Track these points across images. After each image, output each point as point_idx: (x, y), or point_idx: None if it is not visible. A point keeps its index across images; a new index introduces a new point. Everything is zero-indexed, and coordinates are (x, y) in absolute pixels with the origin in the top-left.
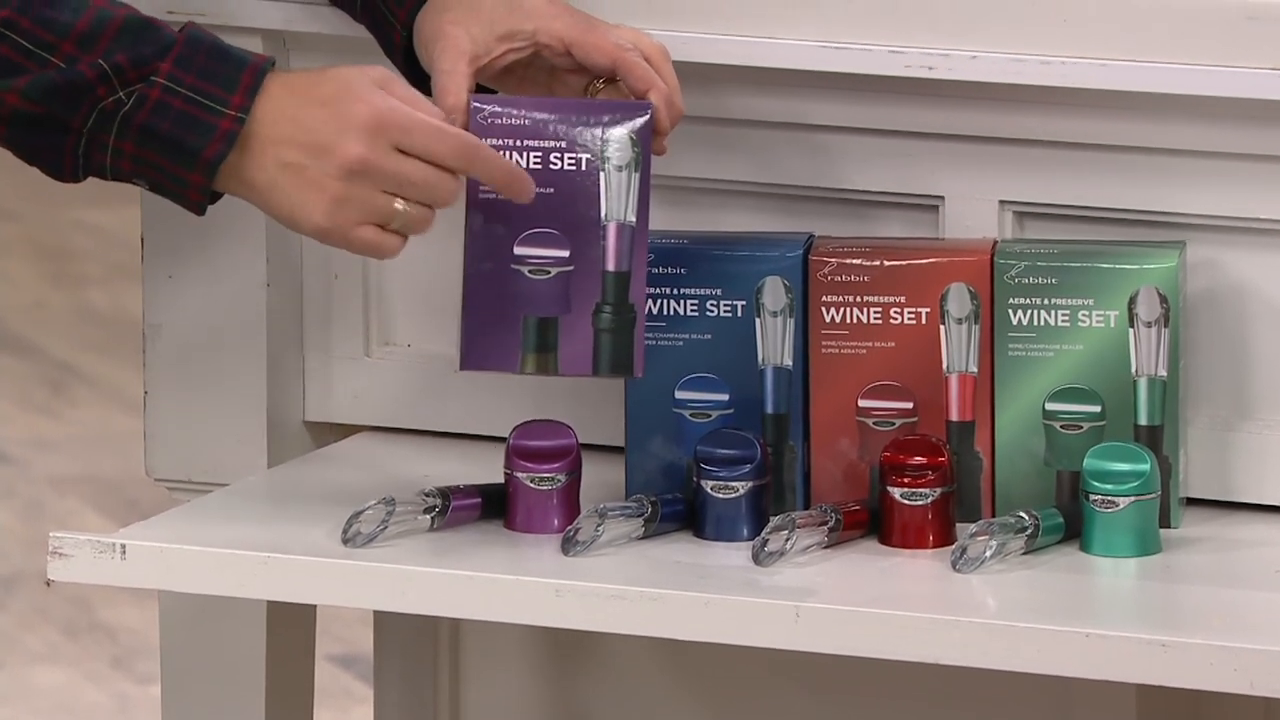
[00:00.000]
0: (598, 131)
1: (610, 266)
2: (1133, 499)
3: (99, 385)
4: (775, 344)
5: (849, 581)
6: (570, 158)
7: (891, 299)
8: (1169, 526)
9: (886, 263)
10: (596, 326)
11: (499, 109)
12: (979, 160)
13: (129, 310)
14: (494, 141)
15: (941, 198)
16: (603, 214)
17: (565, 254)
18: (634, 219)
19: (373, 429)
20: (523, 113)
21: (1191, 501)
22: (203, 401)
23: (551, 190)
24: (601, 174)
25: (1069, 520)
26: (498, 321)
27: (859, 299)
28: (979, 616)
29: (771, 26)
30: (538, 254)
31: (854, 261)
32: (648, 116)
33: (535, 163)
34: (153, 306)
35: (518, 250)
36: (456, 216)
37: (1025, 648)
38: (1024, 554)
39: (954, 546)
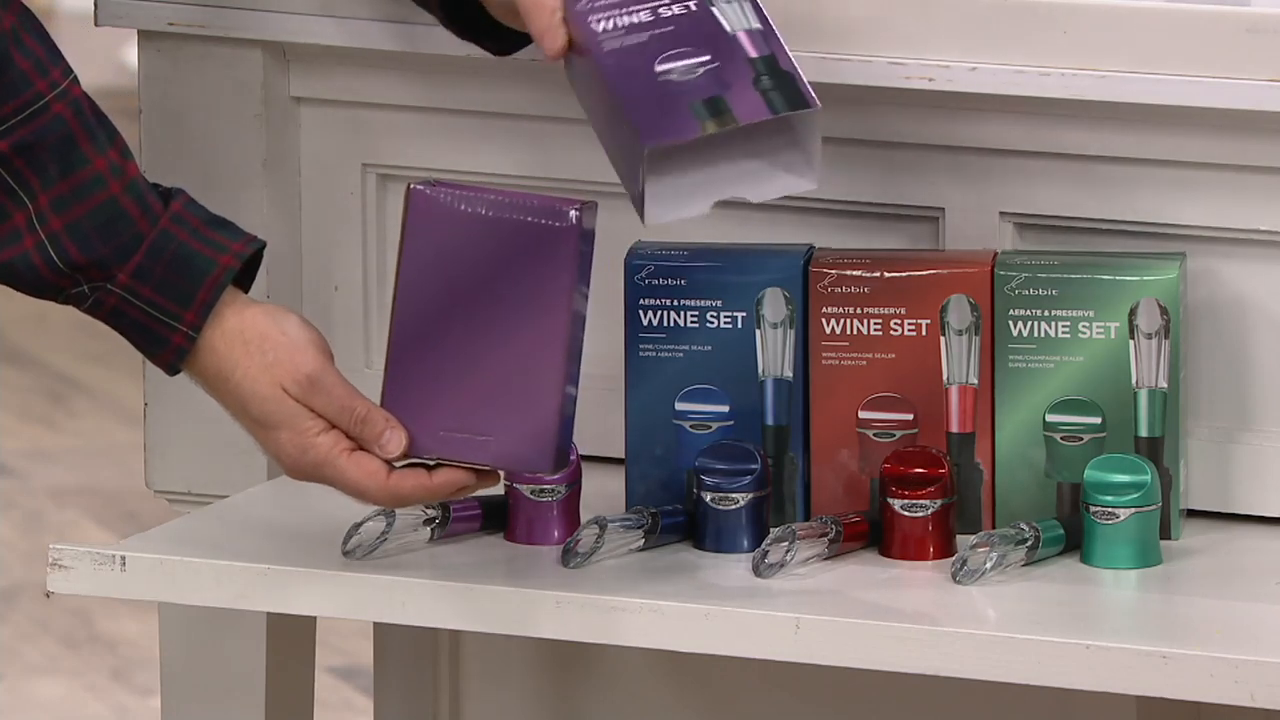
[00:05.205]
0: None
1: (753, 54)
2: (1133, 511)
3: (99, 397)
4: (775, 355)
5: (849, 593)
6: None
7: (892, 310)
8: (1169, 538)
9: (887, 274)
10: (760, 89)
11: None
12: (979, 172)
13: None
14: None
15: (942, 209)
16: (723, 25)
17: (706, 58)
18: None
19: None
20: None
21: (1192, 513)
22: (203, 414)
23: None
24: None
25: (1070, 532)
26: (663, 102)
27: (859, 310)
28: (979, 628)
29: None
30: (677, 64)
31: (854, 273)
32: None
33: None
34: None
35: (659, 68)
36: None
37: (1025, 659)
38: (1024, 566)
39: (954, 558)
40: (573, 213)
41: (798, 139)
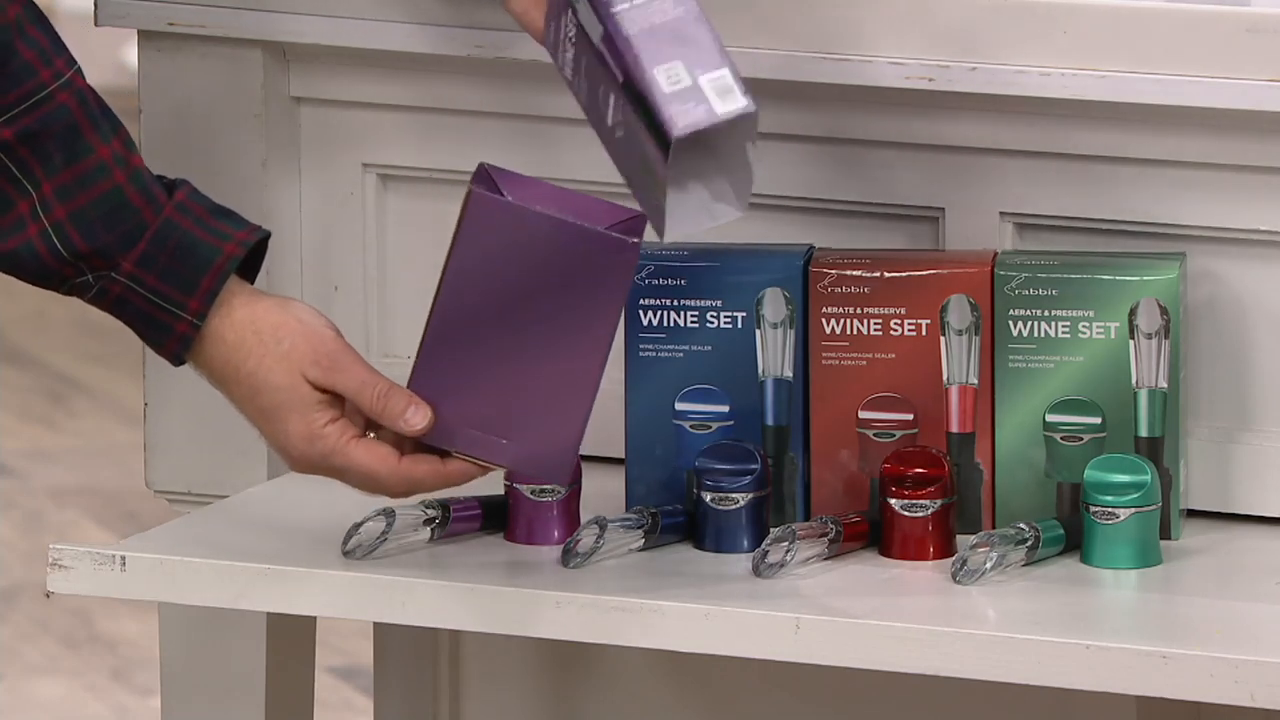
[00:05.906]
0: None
1: (619, 76)
2: (1133, 511)
3: (99, 397)
4: (775, 355)
5: (849, 593)
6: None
7: (892, 310)
8: (1169, 538)
9: (887, 274)
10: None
11: None
12: (979, 172)
13: None
14: None
15: (942, 209)
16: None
17: (611, 97)
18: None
19: None
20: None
21: (1192, 513)
22: (203, 413)
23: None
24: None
25: (1069, 532)
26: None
27: (859, 310)
28: (979, 628)
29: (771, 38)
30: (609, 115)
31: (854, 273)
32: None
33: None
34: None
35: (609, 123)
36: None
37: (1025, 660)
38: (1024, 566)
39: (954, 558)
40: (633, 240)
41: None
